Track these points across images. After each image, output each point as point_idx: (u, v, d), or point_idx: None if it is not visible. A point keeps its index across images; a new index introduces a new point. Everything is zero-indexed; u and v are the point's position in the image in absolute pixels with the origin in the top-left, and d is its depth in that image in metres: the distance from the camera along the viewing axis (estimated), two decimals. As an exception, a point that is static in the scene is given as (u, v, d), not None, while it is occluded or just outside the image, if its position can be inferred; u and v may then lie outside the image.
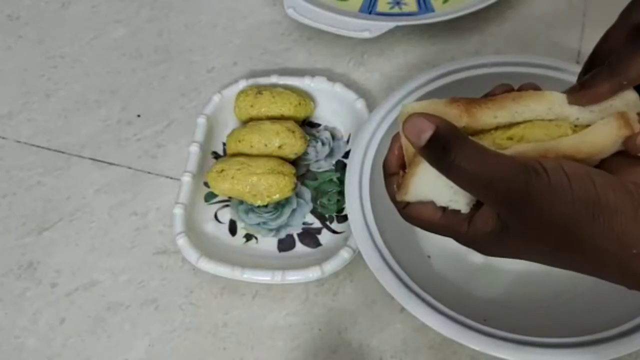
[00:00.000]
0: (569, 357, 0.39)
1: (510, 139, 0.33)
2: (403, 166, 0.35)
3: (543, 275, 0.47)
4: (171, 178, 0.56)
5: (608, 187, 0.29)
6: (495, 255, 0.33)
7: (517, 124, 0.33)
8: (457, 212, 0.33)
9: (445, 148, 0.30)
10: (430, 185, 0.32)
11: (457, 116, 0.33)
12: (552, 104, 0.33)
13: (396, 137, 0.35)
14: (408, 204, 0.34)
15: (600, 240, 0.28)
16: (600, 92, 0.33)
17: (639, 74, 0.32)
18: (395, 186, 0.35)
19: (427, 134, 0.30)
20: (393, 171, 0.35)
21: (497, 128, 0.33)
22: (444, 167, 0.30)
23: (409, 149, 0.33)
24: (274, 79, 0.58)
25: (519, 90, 0.35)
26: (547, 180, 0.28)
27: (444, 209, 0.33)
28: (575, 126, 0.33)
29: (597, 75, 0.33)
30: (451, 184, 0.31)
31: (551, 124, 0.33)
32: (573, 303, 0.46)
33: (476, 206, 0.32)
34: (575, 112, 0.33)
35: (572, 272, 0.46)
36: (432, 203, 0.33)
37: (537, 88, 0.35)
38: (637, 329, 0.40)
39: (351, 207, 0.47)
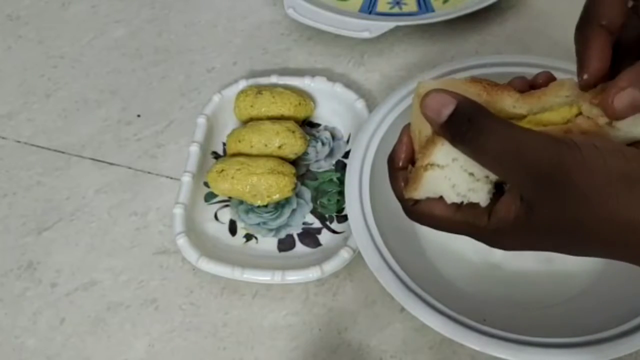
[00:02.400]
0: (569, 357, 0.39)
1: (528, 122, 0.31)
2: (412, 161, 0.33)
3: (543, 275, 0.47)
4: (171, 178, 0.56)
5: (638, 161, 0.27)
6: (518, 248, 0.31)
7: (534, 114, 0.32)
8: (474, 205, 0.31)
9: (471, 121, 0.28)
10: (446, 175, 0.30)
11: (476, 95, 0.31)
12: (571, 90, 0.32)
13: (405, 129, 0.34)
14: (417, 201, 0.32)
15: (636, 211, 0.27)
16: (594, 51, 0.31)
17: (617, 13, 0.31)
18: (402, 182, 0.33)
19: (449, 109, 0.29)
20: (401, 165, 0.33)
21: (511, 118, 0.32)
22: (468, 143, 0.29)
23: (421, 138, 0.32)
24: (274, 79, 0.58)
25: (535, 79, 0.34)
26: (580, 153, 0.27)
27: (459, 205, 0.31)
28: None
29: (578, 38, 0.32)
30: (471, 170, 0.30)
31: (569, 108, 0.31)
32: (573, 303, 0.46)
33: (495, 198, 0.31)
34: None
35: (572, 273, 0.46)
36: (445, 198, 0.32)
37: (552, 77, 0.33)
38: (637, 329, 0.40)
39: (351, 207, 0.47)
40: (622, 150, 0.28)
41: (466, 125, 0.29)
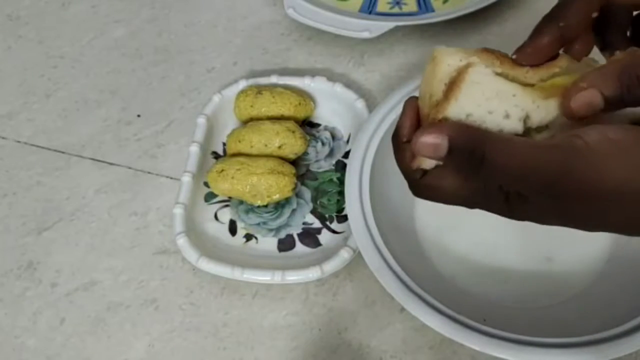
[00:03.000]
0: (569, 357, 0.39)
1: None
2: None
3: (543, 275, 0.47)
4: (171, 178, 0.56)
5: None
6: (532, 219, 0.30)
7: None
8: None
9: (472, 154, 0.28)
10: (486, 89, 0.30)
11: (490, 61, 0.31)
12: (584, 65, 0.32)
13: (410, 101, 0.33)
14: (425, 173, 0.31)
15: None
16: (542, 43, 0.32)
17: (577, 18, 0.31)
18: (409, 155, 0.32)
19: (444, 145, 0.28)
20: (407, 138, 0.32)
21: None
22: (473, 173, 0.29)
23: (431, 102, 0.31)
24: (274, 79, 0.58)
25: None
26: (591, 154, 0.27)
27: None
28: None
29: (537, 26, 0.32)
30: (486, 125, 0.29)
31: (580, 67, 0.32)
32: (573, 303, 0.46)
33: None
34: None
35: (572, 272, 0.47)
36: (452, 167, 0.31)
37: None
38: (637, 329, 0.40)
39: (351, 207, 0.47)
40: (637, 134, 0.27)
41: (465, 160, 0.28)
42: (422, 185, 0.32)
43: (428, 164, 0.31)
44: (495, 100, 0.30)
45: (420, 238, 0.49)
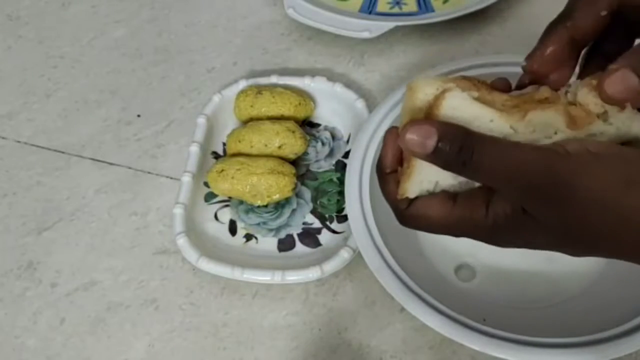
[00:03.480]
0: (569, 357, 0.39)
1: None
2: (400, 162, 0.32)
3: (543, 275, 0.47)
4: (171, 178, 0.56)
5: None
6: (515, 245, 0.31)
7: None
8: (470, 198, 0.30)
9: (457, 146, 0.28)
10: (463, 114, 0.30)
11: (467, 87, 0.31)
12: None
13: (390, 132, 0.33)
14: (410, 203, 0.32)
15: (636, 213, 0.27)
16: (548, 46, 0.31)
17: (585, 19, 0.31)
18: (394, 186, 0.32)
19: (432, 139, 0.28)
20: (391, 169, 0.33)
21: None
22: (461, 167, 0.29)
23: None
24: (274, 79, 0.58)
25: (521, 80, 0.34)
26: (574, 160, 0.27)
27: (454, 199, 0.31)
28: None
29: (545, 31, 0.32)
30: None
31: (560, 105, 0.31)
32: (573, 303, 0.46)
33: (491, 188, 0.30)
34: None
35: (572, 272, 0.46)
36: (439, 195, 0.31)
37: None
38: (637, 329, 0.40)
39: (351, 207, 0.47)
40: (619, 153, 0.28)
41: (454, 153, 0.28)
42: (408, 216, 0.32)
43: (412, 192, 0.31)
44: (473, 124, 0.30)
45: (420, 238, 0.49)
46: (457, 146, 0.28)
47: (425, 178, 0.31)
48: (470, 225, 0.31)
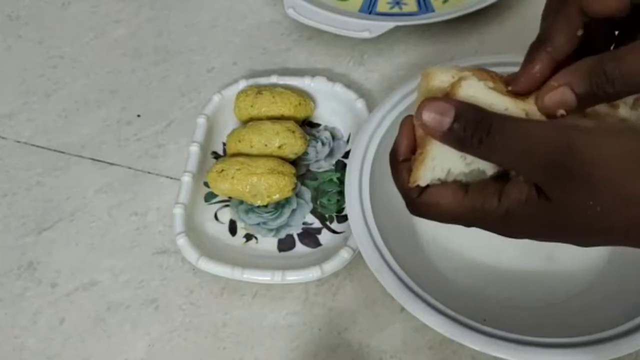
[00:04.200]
0: (569, 357, 0.39)
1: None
2: (413, 151, 0.32)
3: (543, 275, 0.47)
4: (171, 178, 0.56)
5: None
6: (530, 236, 0.31)
7: None
8: (482, 187, 0.30)
9: (474, 124, 0.28)
10: (479, 102, 0.30)
11: (483, 77, 0.31)
12: None
13: (406, 121, 0.33)
14: (422, 191, 0.31)
15: None
16: (534, 71, 0.32)
17: (564, 42, 0.31)
18: (406, 175, 0.32)
19: (449, 116, 0.29)
20: (404, 157, 0.32)
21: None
22: (476, 146, 0.29)
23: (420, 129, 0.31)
24: (274, 79, 0.58)
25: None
26: (590, 135, 0.27)
27: (466, 189, 0.31)
28: None
29: (526, 55, 0.32)
30: None
31: None
32: (573, 303, 0.46)
33: (503, 177, 0.30)
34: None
35: (572, 272, 0.46)
36: (451, 185, 0.31)
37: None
38: (637, 329, 0.40)
39: (351, 207, 0.47)
40: (633, 130, 0.28)
41: (471, 130, 0.29)
42: (419, 204, 0.32)
43: (423, 180, 0.31)
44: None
45: (420, 238, 0.49)
46: (473, 124, 0.29)
47: (438, 164, 0.31)
48: (482, 214, 0.30)
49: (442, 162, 0.31)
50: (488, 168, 0.31)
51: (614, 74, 0.28)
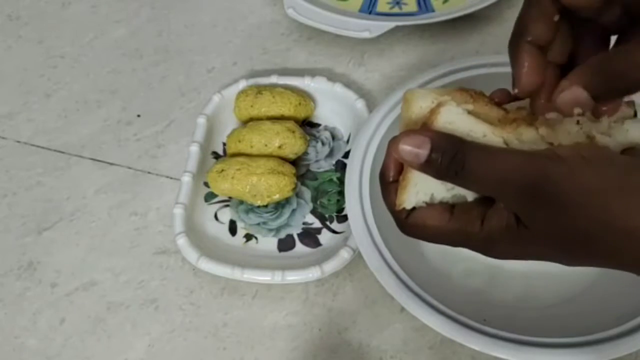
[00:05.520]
0: (569, 357, 0.39)
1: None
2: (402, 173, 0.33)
3: (543, 276, 0.47)
4: (171, 178, 0.56)
5: (633, 167, 0.27)
6: (512, 257, 0.32)
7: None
8: (466, 211, 0.31)
9: (450, 155, 0.29)
10: (457, 128, 0.30)
11: (463, 102, 0.32)
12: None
13: (393, 141, 0.33)
14: (409, 213, 0.32)
15: (632, 219, 0.27)
16: (523, 68, 0.32)
17: (542, 29, 0.31)
18: (394, 195, 0.33)
19: (425, 149, 0.29)
20: (393, 179, 0.33)
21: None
22: (453, 176, 0.29)
23: None
24: (274, 79, 0.58)
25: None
26: (565, 165, 0.27)
27: (452, 211, 0.31)
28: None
29: (510, 55, 0.33)
30: None
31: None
32: (573, 303, 0.46)
33: (486, 202, 0.31)
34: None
35: (572, 272, 0.46)
36: (437, 207, 0.32)
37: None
38: (637, 329, 0.40)
39: (351, 207, 0.47)
40: (611, 158, 0.28)
41: (447, 161, 0.29)
42: (407, 225, 0.33)
43: (408, 203, 0.32)
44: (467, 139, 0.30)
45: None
46: (449, 156, 0.29)
47: (421, 190, 0.32)
48: (466, 237, 0.31)
49: (425, 188, 0.32)
50: (468, 194, 0.32)
51: (623, 68, 0.28)
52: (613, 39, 0.33)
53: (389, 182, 0.33)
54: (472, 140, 0.30)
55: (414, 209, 0.32)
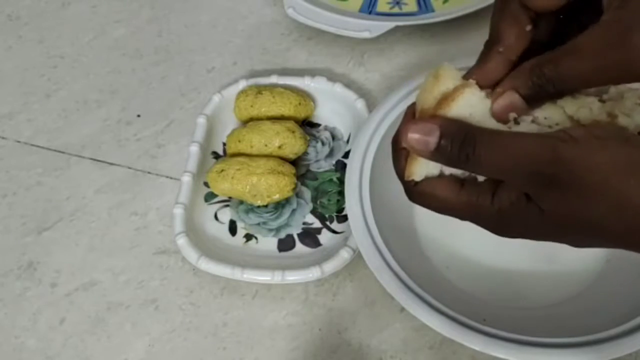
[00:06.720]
0: (569, 357, 0.39)
1: None
2: None
3: (543, 275, 0.47)
4: (171, 178, 0.56)
5: None
6: (519, 235, 0.31)
7: None
8: (477, 184, 0.31)
9: (460, 141, 0.29)
10: (475, 112, 0.30)
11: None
12: None
13: (411, 107, 0.33)
14: (419, 181, 0.32)
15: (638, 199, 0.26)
16: (489, 68, 0.32)
17: (514, 40, 0.32)
18: (405, 162, 0.32)
19: (435, 136, 0.29)
20: (404, 145, 0.32)
21: None
22: (464, 162, 0.29)
23: (423, 114, 0.32)
24: (274, 79, 0.58)
25: None
26: (577, 145, 0.27)
27: (462, 183, 0.31)
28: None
29: (481, 54, 0.33)
30: None
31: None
32: (573, 303, 0.46)
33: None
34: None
35: (572, 272, 0.46)
36: (447, 177, 0.31)
37: None
38: (637, 329, 0.40)
39: (351, 207, 0.47)
40: (625, 137, 0.28)
41: (457, 148, 0.29)
42: (416, 192, 0.32)
43: (418, 175, 0.32)
44: (486, 123, 0.30)
45: (420, 238, 0.49)
46: (458, 142, 0.29)
47: (432, 163, 0.31)
48: (476, 211, 0.31)
49: (435, 163, 0.31)
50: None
51: (552, 74, 0.28)
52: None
53: (401, 147, 0.33)
54: (491, 121, 0.30)
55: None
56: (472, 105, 0.31)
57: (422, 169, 0.32)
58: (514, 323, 0.41)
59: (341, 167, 0.55)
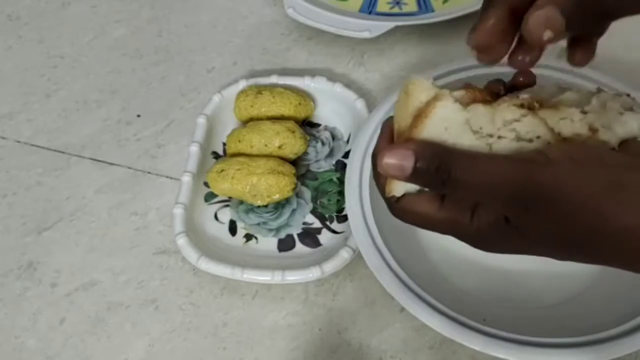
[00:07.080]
0: (569, 357, 0.39)
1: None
2: None
3: (543, 275, 0.47)
4: (171, 178, 0.56)
5: (624, 166, 0.27)
6: (500, 251, 0.31)
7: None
8: (456, 201, 0.31)
9: (435, 166, 0.28)
10: (450, 125, 0.30)
11: (471, 99, 0.31)
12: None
13: (387, 122, 0.33)
14: (400, 197, 0.32)
15: (625, 218, 0.26)
16: (490, 18, 0.31)
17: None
18: (384, 178, 0.32)
19: (410, 161, 0.29)
20: None
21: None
22: (439, 185, 0.29)
23: (400, 130, 0.31)
24: (274, 79, 0.58)
25: (515, 78, 0.34)
26: (555, 168, 0.27)
27: (442, 199, 0.31)
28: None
29: (482, 6, 0.32)
30: None
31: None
32: (573, 303, 0.46)
33: None
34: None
35: (572, 272, 0.46)
36: (427, 194, 0.31)
37: (532, 75, 0.33)
38: (637, 329, 0.40)
39: (351, 207, 0.47)
40: (602, 159, 0.28)
41: (432, 173, 0.29)
42: (397, 208, 0.32)
43: (398, 191, 0.32)
44: (462, 136, 0.30)
45: (420, 238, 0.49)
46: (434, 167, 0.29)
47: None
48: (455, 227, 0.31)
49: None
50: None
51: None
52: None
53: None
54: (469, 134, 0.30)
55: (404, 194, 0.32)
56: (447, 119, 0.30)
57: (402, 185, 0.31)
58: (514, 323, 0.41)
59: (341, 167, 0.55)
